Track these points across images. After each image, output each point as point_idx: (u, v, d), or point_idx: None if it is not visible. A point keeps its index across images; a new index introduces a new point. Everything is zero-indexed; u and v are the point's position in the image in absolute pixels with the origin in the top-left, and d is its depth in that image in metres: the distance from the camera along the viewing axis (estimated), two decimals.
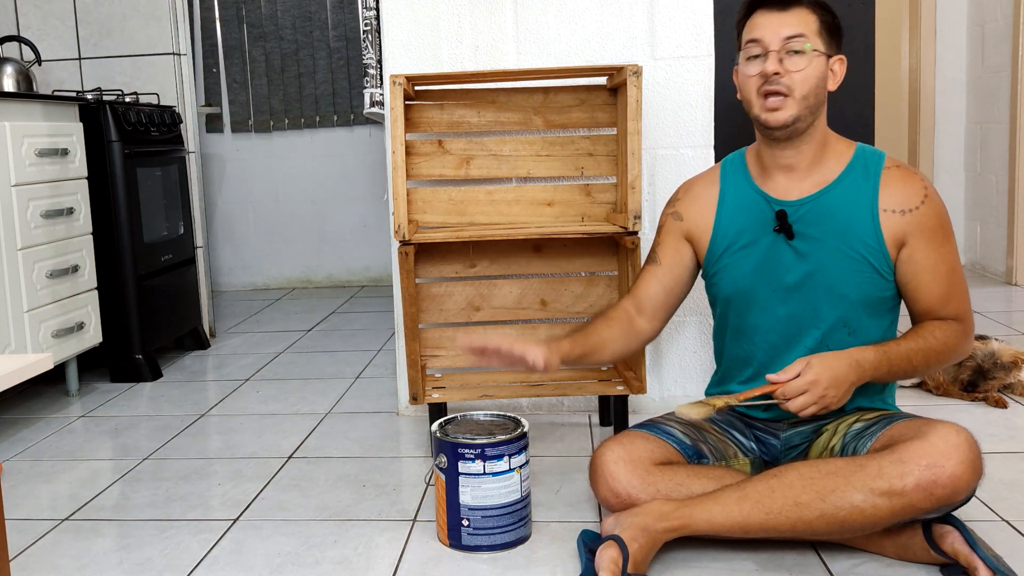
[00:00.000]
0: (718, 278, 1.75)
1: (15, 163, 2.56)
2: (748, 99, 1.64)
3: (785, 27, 1.59)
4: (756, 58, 1.61)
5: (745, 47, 1.64)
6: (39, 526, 1.87)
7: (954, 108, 4.49)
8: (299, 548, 1.72)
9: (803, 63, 1.58)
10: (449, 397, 2.12)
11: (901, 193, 1.61)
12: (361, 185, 4.90)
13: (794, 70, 1.58)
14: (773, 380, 1.55)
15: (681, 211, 1.80)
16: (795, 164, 1.66)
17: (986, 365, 2.40)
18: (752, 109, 1.63)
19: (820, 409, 1.53)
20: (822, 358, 1.54)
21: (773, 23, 1.60)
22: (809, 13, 1.61)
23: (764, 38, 1.60)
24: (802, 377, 1.52)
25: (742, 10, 1.68)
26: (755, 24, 1.62)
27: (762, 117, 1.61)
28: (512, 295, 2.34)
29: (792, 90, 1.58)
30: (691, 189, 1.82)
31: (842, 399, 1.54)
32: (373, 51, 2.62)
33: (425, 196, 2.29)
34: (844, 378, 1.53)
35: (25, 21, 3.60)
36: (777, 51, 1.58)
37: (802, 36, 1.58)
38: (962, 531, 1.47)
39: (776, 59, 1.58)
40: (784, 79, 1.58)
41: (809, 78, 1.59)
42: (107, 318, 3.00)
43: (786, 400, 1.53)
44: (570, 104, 2.29)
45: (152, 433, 2.47)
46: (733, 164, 1.78)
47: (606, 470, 1.63)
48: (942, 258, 1.61)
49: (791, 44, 1.58)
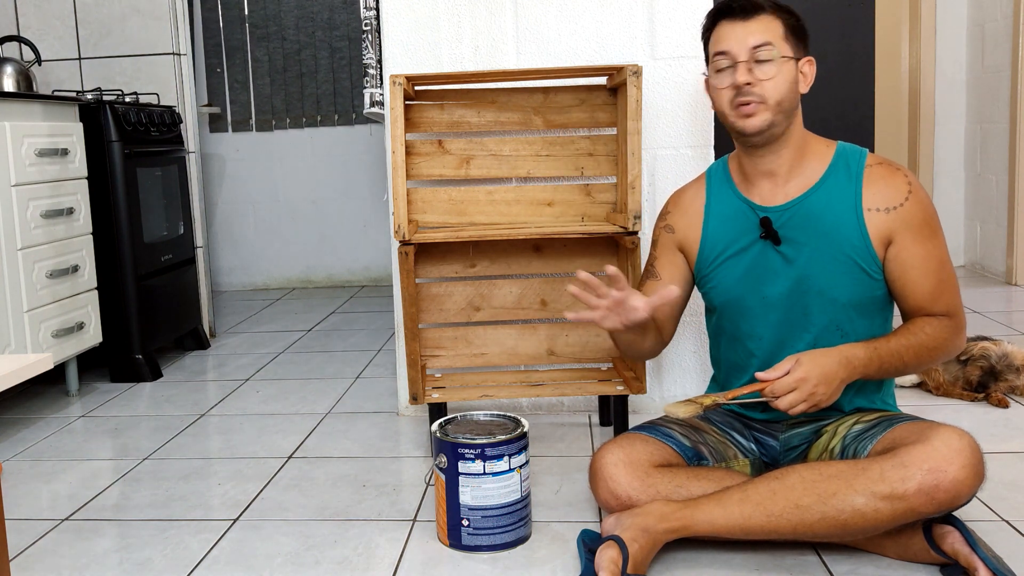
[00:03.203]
0: (709, 287, 1.76)
1: (15, 163, 2.56)
2: (721, 110, 1.65)
3: (751, 36, 1.59)
4: (725, 70, 1.61)
5: (713, 60, 1.64)
6: (39, 526, 1.87)
7: (954, 108, 4.49)
8: (299, 548, 1.72)
9: (773, 71, 1.58)
10: (449, 397, 2.12)
11: (884, 191, 1.61)
12: (361, 185, 4.90)
13: (764, 78, 1.58)
14: (762, 378, 1.55)
15: (672, 223, 1.80)
16: (775, 169, 1.66)
17: (999, 367, 2.40)
18: (727, 119, 1.64)
19: (810, 407, 1.53)
20: (811, 355, 1.54)
21: (738, 33, 1.59)
22: (773, 19, 1.60)
23: (731, 49, 1.60)
24: (791, 375, 1.52)
25: (706, 21, 1.68)
26: (720, 36, 1.62)
27: (737, 125, 1.62)
28: (512, 295, 2.34)
29: (765, 98, 1.58)
30: (680, 201, 1.82)
31: (832, 396, 1.54)
32: (373, 51, 2.62)
33: (425, 196, 2.29)
34: (833, 375, 1.53)
35: (25, 21, 3.60)
36: (746, 61, 1.58)
37: (769, 44, 1.58)
38: (962, 531, 1.47)
39: (745, 69, 1.58)
40: (755, 88, 1.58)
41: (780, 84, 1.59)
42: (107, 318, 3.00)
43: (775, 398, 1.53)
44: (570, 104, 2.29)
45: (152, 433, 2.47)
46: (717, 173, 1.78)
47: (606, 472, 1.63)
48: (930, 254, 1.60)
49: (759, 53, 1.58)
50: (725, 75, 1.61)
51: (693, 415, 1.62)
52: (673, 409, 1.59)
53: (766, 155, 1.65)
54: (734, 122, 1.62)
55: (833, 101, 1.69)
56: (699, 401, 1.59)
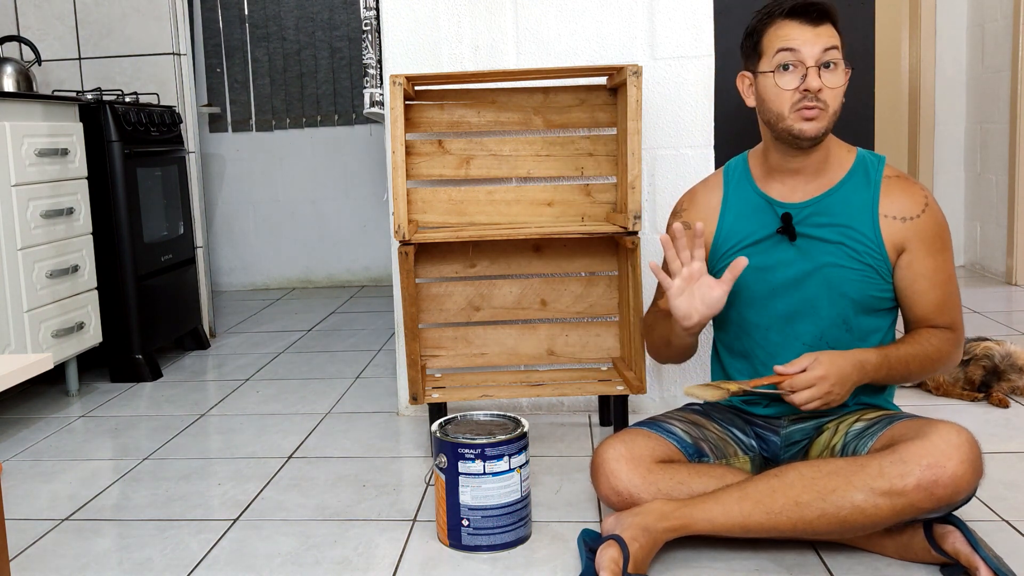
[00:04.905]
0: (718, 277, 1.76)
1: (15, 163, 2.56)
2: (779, 112, 1.61)
3: (821, 39, 1.58)
4: (790, 69, 1.59)
5: (778, 55, 1.60)
6: (39, 526, 1.87)
7: (954, 108, 4.49)
8: (299, 548, 1.72)
9: (839, 79, 1.59)
10: (449, 397, 2.12)
11: (902, 201, 1.64)
12: (361, 185, 4.90)
13: (832, 86, 1.59)
14: (781, 372, 1.56)
15: (690, 218, 1.80)
16: (803, 168, 1.68)
17: (1002, 366, 2.41)
18: (783, 120, 1.61)
19: (823, 405, 1.55)
20: (830, 355, 1.56)
21: (808, 36, 1.58)
22: (833, 28, 1.61)
23: (802, 50, 1.58)
24: (810, 371, 1.53)
25: (762, 17, 1.64)
26: (789, 34, 1.59)
27: (795, 128, 1.60)
28: (512, 295, 2.34)
29: (828, 105, 1.59)
30: (695, 197, 1.83)
31: (843, 397, 1.56)
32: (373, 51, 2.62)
33: (425, 196, 2.29)
34: (848, 377, 1.55)
35: (25, 21, 3.60)
36: (815, 66, 1.57)
37: (836, 49, 1.59)
38: (963, 531, 1.47)
39: (816, 74, 1.57)
40: (823, 95, 1.58)
41: (840, 94, 1.61)
42: (107, 318, 3.00)
43: (791, 392, 1.54)
44: (570, 104, 2.29)
45: (152, 433, 2.47)
46: (736, 169, 1.79)
47: (607, 468, 1.63)
48: (939, 267, 1.64)
49: (827, 57, 1.58)
50: (791, 76, 1.59)
51: (717, 399, 1.63)
52: (696, 391, 1.60)
53: (799, 155, 1.66)
54: (791, 125, 1.60)
55: None
56: (724, 386, 1.61)
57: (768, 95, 1.64)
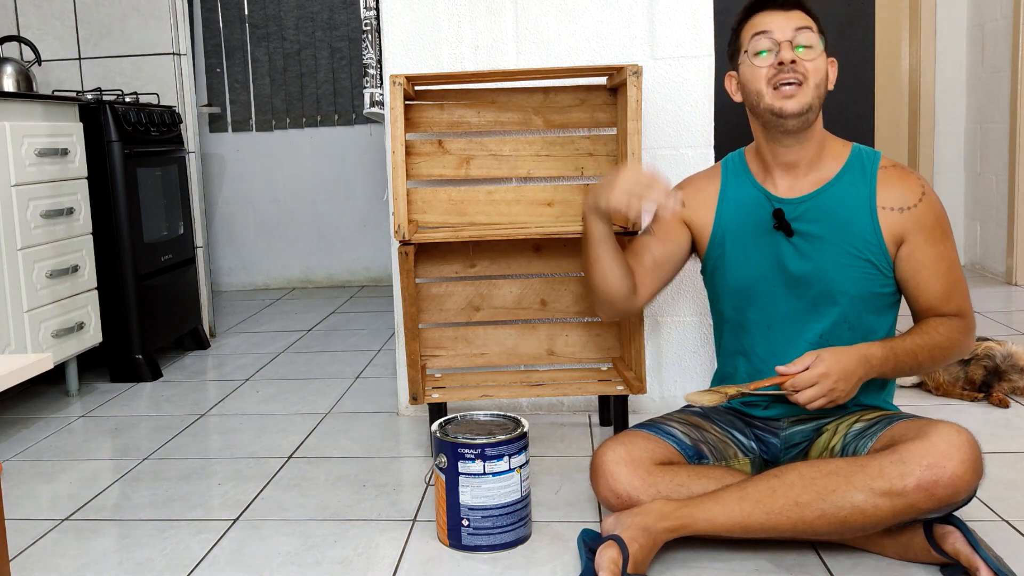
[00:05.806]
0: (717, 274, 1.76)
1: (15, 163, 2.56)
2: (758, 90, 1.63)
3: (791, 21, 1.62)
4: (765, 52, 1.62)
5: (753, 40, 1.64)
6: (39, 526, 1.87)
7: (954, 108, 4.49)
8: (299, 548, 1.72)
9: (814, 54, 1.61)
10: (449, 397, 2.12)
11: (899, 191, 1.63)
12: (361, 185, 4.90)
13: (807, 59, 1.61)
14: (783, 372, 1.55)
15: (684, 199, 1.79)
16: (797, 161, 1.67)
17: (1003, 366, 2.40)
18: (763, 100, 1.63)
19: (828, 403, 1.54)
20: (832, 352, 1.55)
21: (779, 20, 1.62)
22: (806, 15, 1.64)
23: (774, 31, 1.61)
24: (812, 369, 1.53)
25: (740, 14, 1.70)
26: (760, 21, 1.64)
27: (776, 106, 1.61)
28: (512, 295, 2.34)
29: (807, 77, 1.60)
30: (693, 181, 1.84)
31: (849, 393, 1.55)
32: (373, 51, 2.62)
33: (425, 196, 2.29)
34: (852, 372, 1.54)
35: (25, 21, 3.59)
36: (789, 41, 1.60)
37: (809, 28, 1.62)
38: (964, 531, 1.47)
39: (789, 47, 1.60)
40: (799, 67, 1.60)
41: (820, 68, 1.62)
42: (107, 318, 3.00)
43: (795, 392, 1.54)
44: (570, 104, 2.29)
45: (152, 433, 2.47)
46: (734, 162, 1.80)
47: (607, 470, 1.63)
48: (941, 255, 1.63)
49: (800, 36, 1.61)
50: (765, 56, 1.62)
51: (717, 404, 1.63)
52: (696, 398, 1.60)
53: (792, 145, 1.66)
54: (772, 103, 1.62)
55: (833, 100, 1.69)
56: (723, 391, 1.61)
57: (747, 78, 1.66)
